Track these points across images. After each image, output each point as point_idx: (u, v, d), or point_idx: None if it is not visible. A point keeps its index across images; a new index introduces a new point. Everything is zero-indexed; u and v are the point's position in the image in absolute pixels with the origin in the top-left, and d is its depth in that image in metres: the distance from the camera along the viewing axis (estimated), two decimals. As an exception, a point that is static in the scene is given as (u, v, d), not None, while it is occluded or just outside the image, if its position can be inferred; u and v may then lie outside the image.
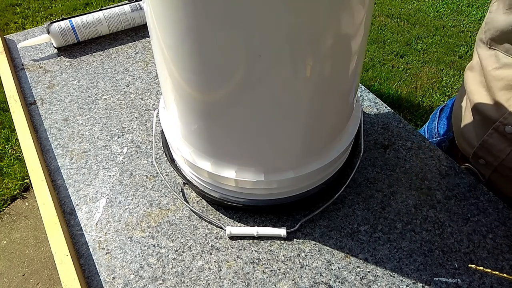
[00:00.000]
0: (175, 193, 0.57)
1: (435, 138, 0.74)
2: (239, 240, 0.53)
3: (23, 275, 1.34)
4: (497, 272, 0.42)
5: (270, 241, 0.53)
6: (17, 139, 1.68)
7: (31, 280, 1.33)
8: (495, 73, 0.58)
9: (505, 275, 0.42)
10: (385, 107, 0.71)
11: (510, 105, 0.56)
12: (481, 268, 0.43)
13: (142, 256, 0.52)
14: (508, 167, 0.59)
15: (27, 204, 1.54)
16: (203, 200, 0.57)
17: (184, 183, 0.59)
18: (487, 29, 0.60)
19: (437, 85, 1.97)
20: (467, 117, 0.65)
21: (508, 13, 0.55)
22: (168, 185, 0.57)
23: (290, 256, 0.51)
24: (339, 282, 0.49)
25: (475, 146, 0.62)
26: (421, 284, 0.49)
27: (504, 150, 0.58)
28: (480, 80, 0.61)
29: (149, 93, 0.74)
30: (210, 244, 0.52)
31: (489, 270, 0.42)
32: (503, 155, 0.59)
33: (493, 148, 0.60)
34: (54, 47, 0.82)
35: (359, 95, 0.72)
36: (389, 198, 0.57)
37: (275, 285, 0.49)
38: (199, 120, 0.46)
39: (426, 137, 0.75)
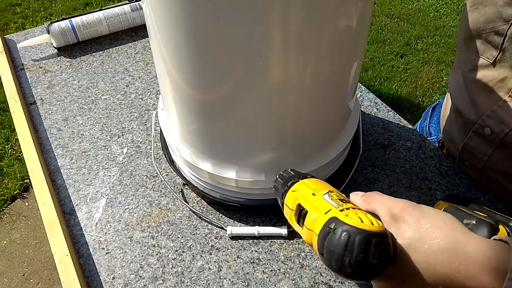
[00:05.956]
0: (175, 193, 0.57)
1: (426, 137, 0.74)
2: (239, 240, 0.53)
3: (23, 275, 1.34)
4: None
5: (270, 241, 0.53)
6: (17, 139, 1.68)
7: (31, 280, 1.33)
8: (471, 75, 0.56)
9: None
10: (385, 107, 0.71)
11: (487, 107, 0.54)
12: None
13: (142, 256, 0.52)
14: (492, 169, 0.58)
15: (27, 204, 1.54)
16: (203, 200, 0.57)
17: (183, 184, 0.59)
18: (461, 29, 0.58)
19: (437, 85, 1.97)
20: (452, 119, 0.64)
21: (472, 10, 0.53)
22: (168, 185, 0.57)
23: (290, 256, 0.51)
24: (339, 282, 0.49)
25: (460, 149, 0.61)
26: (421, 284, 0.49)
27: (486, 152, 0.57)
28: (460, 82, 0.60)
29: (149, 93, 0.74)
30: (210, 244, 0.52)
31: None
32: (485, 157, 0.57)
33: (475, 151, 0.59)
34: (54, 47, 0.82)
35: (359, 95, 0.72)
36: (389, 198, 0.57)
37: (275, 285, 0.49)
38: (198, 121, 0.46)
39: None
